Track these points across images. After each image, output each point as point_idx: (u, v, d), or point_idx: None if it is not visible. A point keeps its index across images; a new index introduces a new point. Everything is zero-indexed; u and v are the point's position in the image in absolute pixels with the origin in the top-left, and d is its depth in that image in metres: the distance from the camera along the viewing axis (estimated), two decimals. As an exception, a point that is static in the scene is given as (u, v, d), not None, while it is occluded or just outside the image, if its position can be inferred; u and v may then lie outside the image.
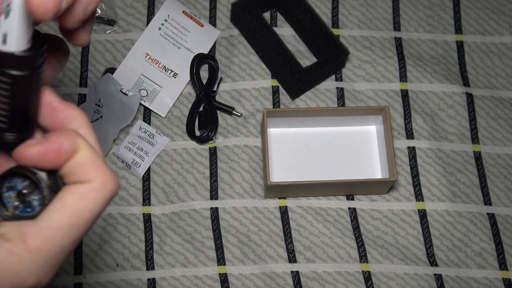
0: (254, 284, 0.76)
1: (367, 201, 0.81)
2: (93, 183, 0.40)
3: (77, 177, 0.39)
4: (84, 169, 0.39)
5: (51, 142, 0.39)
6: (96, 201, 0.40)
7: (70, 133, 0.39)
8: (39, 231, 0.38)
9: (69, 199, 0.39)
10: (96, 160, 0.40)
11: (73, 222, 0.39)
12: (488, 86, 0.87)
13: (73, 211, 0.39)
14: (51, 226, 0.39)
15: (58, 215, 0.39)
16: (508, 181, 0.83)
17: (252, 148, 0.82)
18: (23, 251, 0.38)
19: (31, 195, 0.40)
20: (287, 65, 0.83)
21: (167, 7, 0.86)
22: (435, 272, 0.78)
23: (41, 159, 0.38)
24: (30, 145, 0.38)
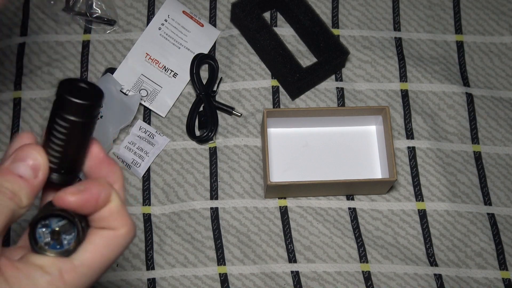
0: (254, 284, 0.76)
1: (367, 201, 0.81)
2: (120, 230, 0.45)
3: (106, 224, 0.45)
4: (114, 218, 0.45)
5: (90, 192, 0.44)
6: (120, 246, 0.46)
7: (106, 185, 0.45)
8: (74, 269, 0.44)
9: (99, 243, 0.45)
10: (124, 211, 0.46)
11: (101, 263, 0.45)
12: (488, 86, 0.87)
13: (102, 253, 0.45)
14: (84, 265, 0.45)
15: (90, 256, 0.45)
16: (508, 181, 0.83)
17: (252, 148, 0.82)
18: (60, 283, 0.44)
19: (63, 234, 0.45)
20: (287, 65, 0.83)
21: (167, 7, 0.87)
22: (435, 272, 0.78)
23: (81, 206, 0.44)
24: (72, 193, 0.43)
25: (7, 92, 0.84)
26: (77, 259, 0.45)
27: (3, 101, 0.83)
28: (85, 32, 0.86)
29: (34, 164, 0.44)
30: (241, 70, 0.85)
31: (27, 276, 0.43)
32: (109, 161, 0.47)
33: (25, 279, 0.43)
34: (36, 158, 0.44)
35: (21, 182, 0.44)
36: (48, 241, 0.45)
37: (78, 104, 0.42)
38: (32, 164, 0.44)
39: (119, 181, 0.47)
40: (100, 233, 0.45)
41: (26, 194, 0.44)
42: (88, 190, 0.44)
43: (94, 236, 0.45)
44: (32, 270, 0.44)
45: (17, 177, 0.44)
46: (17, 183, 0.43)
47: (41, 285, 0.43)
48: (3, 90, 0.84)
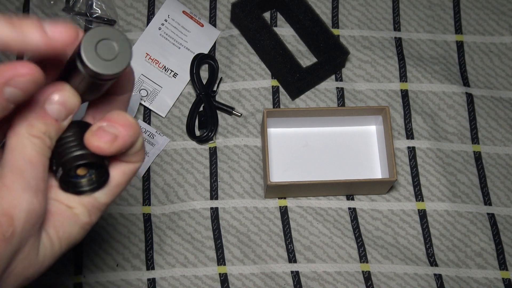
0: (254, 284, 0.76)
1: (367, 201, 0.81)
2: (139, 163, 0.45)
3: (130, 159, 0.45)
4: (138, 154, 0.45)
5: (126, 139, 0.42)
6: (132, 178, 0.46)
7: (138, 127, 0.43)
8: (99, 209, 0.45)
9: (122, 180, 0.45)
10: (143, 146, 0.45)
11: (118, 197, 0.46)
12: (488, 86, 0.87)
13: (122, 190, 0.46)
14: (107, 204, 0.45)
15: (112, 195, 0.45)
16: (508, 181, 0.83)
17: (252, 148, 0.82)
18: (89, 225, 0.45)
19: (89, 170, 0.44)
20: (287, 65, 0.83)
21: (167, 7, 0.86)
22: (435, 272, 0.78)
23: (116, 153, 0.42)
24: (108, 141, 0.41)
25: (7, 92, 0.83)
26: (101, 198, 0.45)
27: (3, 101, 0.83)
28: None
29: (69, 107, 0.42)
30: (241, 70, 0.85)
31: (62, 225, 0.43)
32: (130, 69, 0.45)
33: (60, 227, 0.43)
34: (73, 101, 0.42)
35: (55, 125, 0.41)
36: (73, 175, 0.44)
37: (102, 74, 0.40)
38: (67, 106, 0.41)
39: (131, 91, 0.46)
40: (122, 169, 0.45)
41: (55, 138, 0.42)
42: (124, 136, 0.42)
43: (116, 172, 0.45)
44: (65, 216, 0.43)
45: (53, 120, 0.41)
46: (52, 126, 0.41)
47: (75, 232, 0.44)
48: (3, 90, 0.84)
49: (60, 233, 0.43)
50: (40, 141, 0.41)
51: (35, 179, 0.40)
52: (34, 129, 0.40)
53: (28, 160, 0.40)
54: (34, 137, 0.40)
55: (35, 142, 0.40)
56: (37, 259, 0.42)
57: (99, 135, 0.41)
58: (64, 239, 0.43)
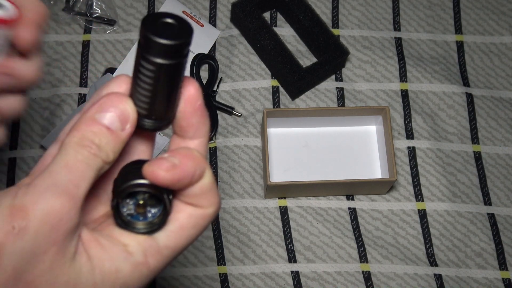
0: (254, 284, 0.76)
1: (367, 201, 0.81)
2: (209, 209, 0.41)
3: (195, 201, 0.40)
4: (205, 196, 0.40)
5: (185, 169, 0.39)
6: (205, 226, 0.41)
7: (202, 160, 0.40)
8: (160, 252, 0.40)
9: (187, 224, 0.41)
10: (215, 188, 0.41)
11: (186, 244, 0.41)
12: (488, 86, 0.87)
13: (189, 234, 0.41)
14: (170, 247, 0.40)
15: (176, 238, 0.40)
16: (508, 181, 0.83)
17: (252, 148, 0.82)
18: (144, 268, 0.40)
19: (148, 207, 0.40)
20: (287, 65, 0.83)
21: (167, 7, 0.87)
22: (435, 272, 0.78)
23: (174, 183, 0.39)
24: (165, 169, 0.38)
25: (7, 92, 0.83)
26: (161, 240, 0.40)
27: (3, 101, 0.83)
28: (85, 32, 0.86)
29: (123, 115, 0.39)
30: (241, 70, 0.85)
31: (111, 258, 0.39)
32: (202, 111, 0.41)
33: (108, 261, 0.39)
34: (125, 108, 0.39)
35: (108, 134, 0.38)
36: (132, 213, 0.40)
37: (166, 45, 0.37)
38: (120, 114, 0.38)
39: (204, 142, 0.42)
40: (188, 212, 0.41)
41: (112, 148, 0.38)
42: (183, 166, 0.38)
43: (180, 214, 0.41)
44: (116, 250, 0.39)
45: (104, 128, 0.38)
46: (104, 135, 0.38)
47: (126, 269, 0.39)
48: (3, 90, 0.84)
49: (106, 266, 0.38)
50: (86, 149, 0.38)
51: (65, 182, 0.37)
52: (82, 138, 0.38)
53: (64, 163, 0.37)
54: (80, 146, 0.38)
55: (79, 150, 0.38)
56: (63, 279, 0.37)
57: (157, 163, 0.38)
58: (109, 273, 0.39)
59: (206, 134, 0.42)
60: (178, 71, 0.38)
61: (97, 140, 0.38)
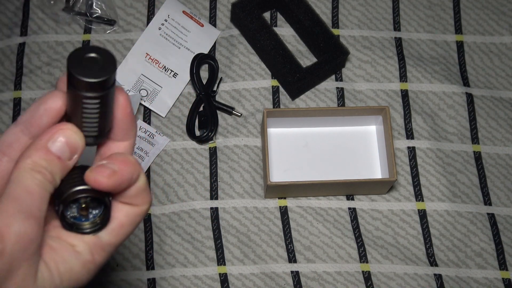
0: (254, 284, 0.76)
1: (367, 201, 0.81)
2: (143, 207, 0.46)
3: (131, 200, 0.45)
4: (139, 195, 0.45)
5: (123, 174, 0.43)
6: (139, 222, 0.46)
7: (137, 164, 0.44)
8: (104, 248, 0.45)
9: (125, 221, 0.45)
10: (148, 187, 0.45)
11: (124, 240, 0.46)
12: (488, 86, 0.87)
13: (127, 231, 0.46)
14: (112, 244, 0.45)
15: (117, 235, 0.45)
16: (508, 181, 0.83)
17: (252, 148, 0.82)
18: (92, 264, 0.45)
19: (90, 209, 0.45)
20: (287, 65, 0.83)
21: (167, 7, 0.87)
22: (435, 272, 0.78)
23: (115, 188, 0.43)
24: (107, 176, 0.42)
25: (7, 92, 0.84)
26: (104, 238, 0.45)
27: (3, 101, 0.83)
28: (85, 32, 0.86)
29: (73, 146, 0.43)
30: (241, 70, 0.85)
31: (63, 259, 0.44)
32: (132, 116, 0.46)
33: (61, 263, 0.43)
34: (75, 140, 0.43)
35: (58, 163, 0.43)
36: (75, 215, 0.44)
37: (91, 82, 0.41)
38: (70, 145, 0.43)
39: (134, 138, 0.47)
40: (126, 211, 0.45)
41: (60, 175, 0.43)
42: (122, 171, 0.43)
43: (119, 213, 0.45)
44: (66, 252, 0.44)
45: (56, 157, 0.43)
46: (55, 164, 0.43)
47: (76, 268, 0.44)
48: (3, 90, 0.84)
49: (61, 268, 0.43)
50: (41, 175, 0.42)
51: (30, 206, 0.41)
52: (35, 164, 0.42)
53: (25, 189, 0.41)
54: (34, 171, 0.42)
55: (35, 175, 0.42)
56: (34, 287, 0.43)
57: (98, 170, 0.43)
58: (64, 274, 0.43)
59: (134, 136, 0.47)
60: (106, 98, 0.42)
61: (49, 168, 0.42)
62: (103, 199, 0.44)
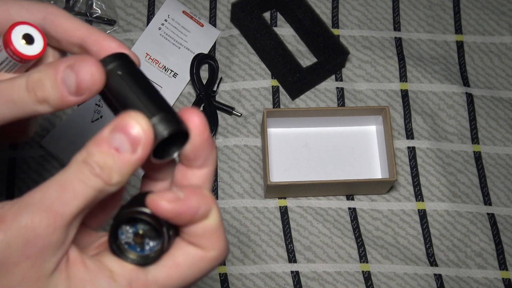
0: (254, 284, 0.76)
1: (367, 201, 0.81)
2: (211, 252, 0.39)
3: (197, 241, 0.39)
4: (208, 237, 0.39)
5: (189, 204, 0.38)
6: (206, 270, 0.39)
7: (209, 198, 0.39)
8: (146, 285, 0.38)
9: (182, 262, 0.39)
10: (222, 231, 0.39)
11: (178, 285, 0.39)
12: (488, 86, 0.87)
13: (182, 274, 0.39)
14: (159, 283, 0.39)
15: (167, 274, 0.39)
16: (508, 181, 0.83)
17: (252, 148, 0.82)
18: None
19: (147, 239, 0.39)
20: (287, 65, 0.83)
21: (167, 7, 0.87)
22: (435, 272, 0.78)
23: (175, 216, 0.38)
24: (168, 200, 0.37)
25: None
26: (152, 274, 0.39)
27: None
28: (85, 32, 0.86)
29: (135, 137, 0.37)
30: (241, 70, 0.85)
31: (93, 281, 0.38)
32: (211, 142, 0.40)
33: (89, 283, 0.38)
34: (138, 130, 0.37)
35: (115, 155, 0.37)
36: (129, 242, 0.39)
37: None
38: (134, 138, 0.37)
39: (213, 166, 0.41)
40: (187, 250, 0.39)
41: (118, 171, 0.37)
42: (187, 200, 0.38)
43: (178, 251, 0.39)
44: (100, 275, 0.38)
45: (112, 149, 0.37)
46: (110, 156, 0.37)
47: None
48: (3, 90, 0.84)
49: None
50: (87, 168, 0.36)
51: (54, 200, 0.36)
52: (86, 156, 0.37)
53: (60, 181, 0.36)
54: (82, 163, 0.37)
55: (80, 168, 0.37)
56: None
57: (161, 193, 0.37)
58: None
59: (214, 163, 0.41)
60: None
61: (102, 160, 0.36)
62: (160, 228, 0.38)
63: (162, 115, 0.38)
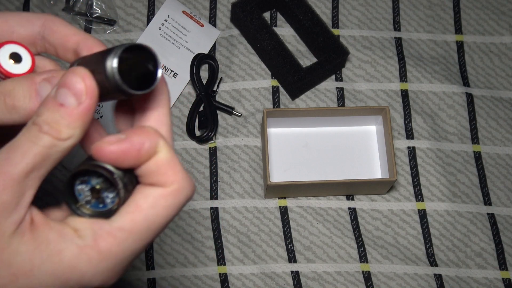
0: (254, 284, 0.76)
1: (367, 201, 0.81)
2: (170, 187, 0.38)
3: (154, 179, 0.38)
4: (162, 172, 0.38)
5: (132, 141, 0.37)
6: (171, 207, 0.38)
7: (152, 133, 0.38)
8: (112, 233, 0.38)
9: (144, 203, 0.38)
10: (175, 163, 0.38)
11: (146, 227, 0.38)
12: (488, 86, 0.87)
13: (147, 216, 0.38)
14: (124, 229, 0.38)
15: (132, 219, 0.38)
16: (508, 181, 0.83)
17: (252, 148, 0.82)
18: (93, 251, 0.37)
19: (105, 192, 0.39)
20: (287, 65, 0.83)
21: (167, 7, 0.87)
22: (435, 272, 0.78)
23: (121, 157, 0.37)
24: (110, 143, 0.37)
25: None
26: (115, 222, 0.38)
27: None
28: (85, 32, 0.86)
29: (78, 90, 0.37)
30: (241, 70, 0.85)
31: (57, 238, 0.37)
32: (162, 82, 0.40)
33: (54, 242, 0.37)
34: (79, 82, 0.37)
35: (61, 110, 0.36)
36: (89, 200, 0.39)
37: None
38: (76, 89, 0.37)
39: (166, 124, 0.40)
40: (147, 192, 0.38)
41: (67, 124, 0.36)
42: (129, 139, 0.37)
43: (139, 195, 0.38)
44: (65, 233, 0.37)
45: (57, 105, 0.37)
46: (56, 112, 0.36)
47: (71, 251, 0.37)
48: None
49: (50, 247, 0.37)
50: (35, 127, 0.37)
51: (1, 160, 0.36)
52: (35, 117, 0.37)
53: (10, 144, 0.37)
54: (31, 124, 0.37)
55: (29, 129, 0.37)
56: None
57: (104, 138, 0.37)
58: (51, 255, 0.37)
59: (166, 104, 0.40)
60: None
61: (49, 118, 0.37)
62: (111, 176, 0.38)
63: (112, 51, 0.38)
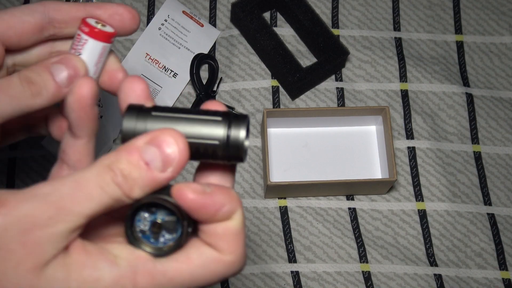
0: (254, 284, 0.76)
1: (367, 201, 0.81)
2: (227, 256, 0.37)
3: (214, 242, 0.37)
4: (227, 239, 0.37)
5: (214, 199, 0.36)
6: (217, 275, 0.37)
7: (235, 198, 0.37)
8: (153, 274, 0.36)
9: (195, 259, 0.37)
10: (242, 236, 0.37)
11: (187, 283, 0.37)
12: (488, 86, 0.87)
13: (193, 272, 0.37)
14: (166, 275, 0.37)
15: (177, 269, 0.37)
16: (508, 181, 0.83)
17: (252, 148, 0.82)
18: (130, 284, 0.36)
19: (164, 231, 0.38)
20: (287, 65, 0.83)
21: (167, 7, 0.87)
22: (435, 272, 0.78)
23: (197, 208, 0.36)
24: (195, 191, 0.36)
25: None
26: (161, 264, 0.37)
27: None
28: (85, 32, 0.86)
29: (170, 158, 0.35)
30: (241, 70, 0.85)
31: (94, 265, 0.36)
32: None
33: (89, 268, 0.36)
34: (174, 149, 0.35)
35: (143, 169, 0.35)
36: (145, 230, 0.37)
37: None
38: (169, 157, 0.35)
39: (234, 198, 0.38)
40: (202, 250, 0.37)
41: (141, 186, 0.35)
42: (213, 195, 0.36)
43: (193, 249, 0.37)
44: (102, 259, 0.36)
45: (142, 161, 0.35)
46: (138, 168, 0.35)
47: (105, 280, 0.36)
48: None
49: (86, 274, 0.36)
50: (109, 174, 0.35)
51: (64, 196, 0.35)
52: (113, 162, 0.35)
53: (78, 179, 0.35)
54: (106, 168, 0.35)
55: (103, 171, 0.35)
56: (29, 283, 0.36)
57: (189, 183, 0.36)
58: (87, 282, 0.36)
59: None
60: None
61: (127, 170, 0.35)
62: (181, 220, 0.37)
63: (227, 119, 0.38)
